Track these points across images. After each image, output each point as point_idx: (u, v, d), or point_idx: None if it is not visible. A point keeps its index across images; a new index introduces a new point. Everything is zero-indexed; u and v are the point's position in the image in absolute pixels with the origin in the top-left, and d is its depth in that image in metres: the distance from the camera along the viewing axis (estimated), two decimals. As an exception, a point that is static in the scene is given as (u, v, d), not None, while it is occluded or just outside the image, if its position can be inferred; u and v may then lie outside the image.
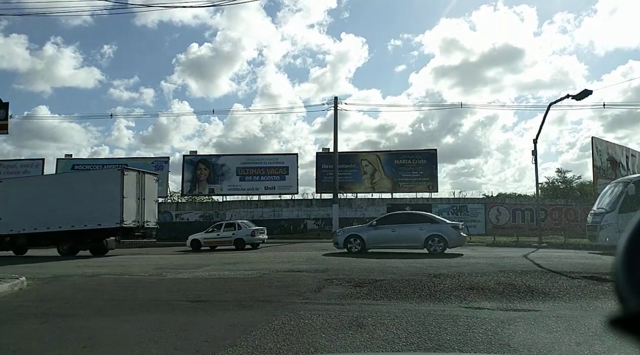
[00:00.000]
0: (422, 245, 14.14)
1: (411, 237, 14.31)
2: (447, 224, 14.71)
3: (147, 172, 19.24)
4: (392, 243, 14.64)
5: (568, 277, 7.95)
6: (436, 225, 14.51)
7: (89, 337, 4.68)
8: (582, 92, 18.22)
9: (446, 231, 14.26)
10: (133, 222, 17.44)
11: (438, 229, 14.33)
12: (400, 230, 14.55)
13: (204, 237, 20.41)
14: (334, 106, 29.76)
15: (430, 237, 14.08)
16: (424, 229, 14.30)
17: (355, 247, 14.82)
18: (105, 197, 17.01)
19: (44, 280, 9.10)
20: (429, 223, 14.61)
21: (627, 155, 31.36)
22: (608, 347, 3.89)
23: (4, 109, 19.89)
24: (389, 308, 5.87)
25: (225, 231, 20.08)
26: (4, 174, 32.46)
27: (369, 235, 14.88)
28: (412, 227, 14.47)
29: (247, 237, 19.68)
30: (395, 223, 15.00)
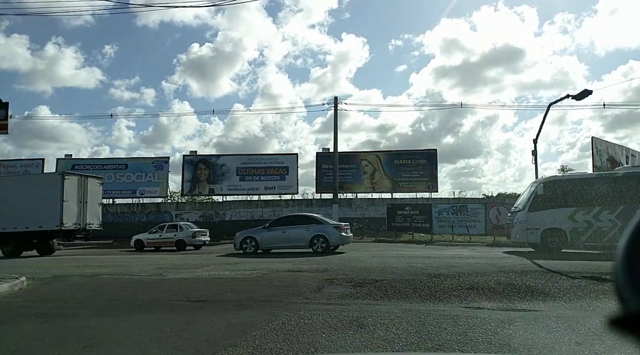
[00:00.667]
0: (307, 244, 15.13)
1: (298, 237, 15.36)
2: (330, 224, 15.71)
3: (90, 176, 19.97)
4: (283, 243, 15.59)
5: (568, 277, 7.95)
6: (320, 226, 15.49)
7: (89, 337, 4.68)
8: (582, 92, 18.23)
9: (328, 231, 15.29)
10: (74, 224, 18.00)
11: (321, 229, 15.35)
12: (289, 231, 15.61)
13: (147, 238, 21.34)
14: (334, 106, 29.75)
15: (315, 237, 15.13)
16: (309, 230, 15.35)
17: (250, 248, 15.68)
18: (47, 200, 17.58)
19: (44, 280, 9.09)
20: (315, 224, 15.58)
21: (627, 155, 31.36)
22: (608, 347, 3.89)
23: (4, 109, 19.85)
24: (389, 308, 5.87)
25: (167, 232, 20.97)
26: (4, 174, 32.48)
27: (262, 237, 15.82)
28: (299, 229, 15.52)
29: (188, 239, 20.44)
30: (285, 225, 16.00)
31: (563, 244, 14.16)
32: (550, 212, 14.23)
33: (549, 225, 14.20)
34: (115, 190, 32.78)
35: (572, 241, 14.02)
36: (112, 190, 32.82)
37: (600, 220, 13.82)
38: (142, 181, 32.65)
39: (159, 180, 32.85)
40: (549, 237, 14.25)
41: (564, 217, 14.07)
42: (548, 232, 14.23)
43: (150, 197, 32.93)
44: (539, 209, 14.42)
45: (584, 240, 13.96)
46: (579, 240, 13.99)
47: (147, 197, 32.87)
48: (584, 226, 13.94)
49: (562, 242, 14.15)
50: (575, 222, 14.00)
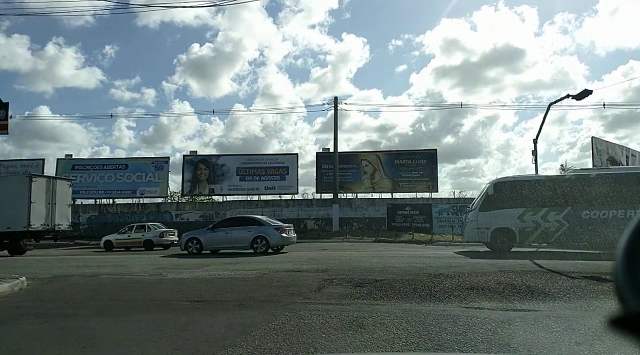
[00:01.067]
0: (249, 245, 15.57)
1: (240, 238, 15.77)
2: (272, 226, 16.06)
3: (59, 177, 20.48)
4: (226, 244, 16.00)
5: (568, 277, 7.95)
6: (262, 227, 15.91)
7: (89, 337, 4.67)
8: (582, 92, 18.21)
9: (269, 232, 15.68)
10: (42, 225, 18.37)
11: (263, 230, 15.75)
12: (232, 232, 16.01)
13: (116, 238, 21.79)
14: (334, 106, 29.78)
15: (256, 238, 15.56)
16: (251, 231, 15.78)
17: (194, 249, 16.06)
18: (15, 202, 17.94)
19: (44, 280, 9.09)
20: (257, 226, 15.99)
21: (627, 155, 31.36)
22: (608, 347, 3.89)
23: (4, 109, 19.91)
24: (389, 308, 5.87)
25: (135, 233, 21.49)
26: (4, 174, 32.49)
27: (206, 238, 16.18)
28: (241, 230, 15.94)
29: (155, 239, 20.92)
30: (228, 226, 16.42)
31: (512, 243, 14.51)
32: (500, 212, 14.56)
33: (499, 225, 14.55)
34: (115, 190, 32.81)
35: (520, 241, 14.41)
36: (112, 190, 32.86)
37: (548, 221, 14.21)
38: (142, 181, 32.66)
39: (159, 180, 32.86)
40: (498, 236, 14.58)
41: (513, 217, 14.40)
42: (498, 232, 14.56)
43: (150, 197, 32.96)
44: (490, 209, 14.78)
45: (532, 240, 14.46)
46: (527, 239, 14.43)
47: (147, 197, 32.89)
48: (532, 226, 14.31)
49: (511, 241, 14.49)
50: (524, 222, 14.35)
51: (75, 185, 32.75)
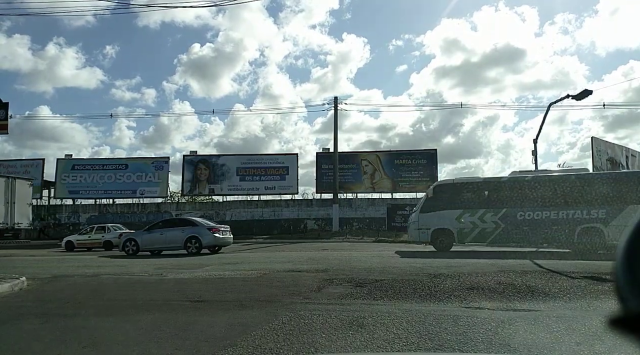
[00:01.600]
0: (182, 246, 15.91)
1: (174, 239, 16.09)
2: (205, 227, 16.37)
3: (18, 177, 20.99)
4: (161, 244, 16.34)
5: (568, 277, 7.94)
6: (195, 228, 16.23)
7: (89, 337, 4.67)
8: (582, 92, 18.22)
9: (201, 233, 16.03)
10: (1, 224, 18.78)
11: (195, 231, 16.10)
12: (167, 233, 16.34)
13: (77, 239, 22.18)
14: (334, 106, 29.78)
15: (189, 239, 15.91)
16: (184, 231, 16.12)
17: (131, 249, 16.42)
18: None
19: (44, 280, 9.09)
20: (190, 227, 16.35)
21: (627, 155, 31.36)
22: (608, 347, 3.89)
23: (4, 109, 19.90)
24: (389, 308, 5.87)
25: (95, 234, 21.87)
26: (4, 173, 32.50)
27: (142, 239, 16.57)
28: (175, 231, 16.31)
29: (115, 239, 20.88)
30: (163, 227, 16.78)
31: (451, 243, 15.12)
32: (440, 213, 15.15)
33: (439, 225, 15.11)
34: (115, 190, 32.80)
35: (459, 240, 15.03)
36: (112, 190, 32.86)
37: (485, 221, 14.77)
38: (142, 181, 32.65)
39: (159, 180, 32.85)
40: (438, 236, 15.17)
41: (452, 218, 14.98)
42: (437, 232, 15.14)
43: (150, 197, 32.96)
44: (430, 210, 15.38)
45: (470, 240, 15.04)
46: (465, 239, 15.02)
47: (147, 197, 32.89)
48: (470, 227, 14.87)
49: (450, 241, 15.09)
50: (462, 223, 14.94)
51: (75, 185, 32.92)
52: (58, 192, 32.99)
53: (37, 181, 32.46)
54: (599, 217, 13.85)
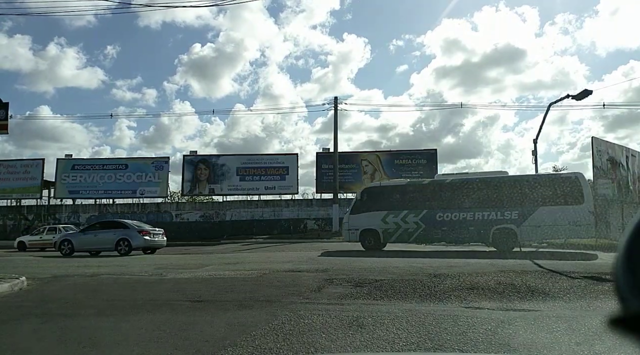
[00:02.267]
0: (113, 247, 16.60)
1: (106, 240, 16.82)
2: (135, 229, 17.02)
3: None
4: (94, 245, 17.08)
5: (568, 277, 7.94)
6: (126, 230, 16.93)
7: (89, 337, 4.67)
8: (582, 92, 18.23)
9: (132, 235, 16.72)
10: None
11: (126, 233, 16.79)
12: (99, 235, 17.16)
13: (29, 240, 22.97)
14: (334, 106, 29.77)
15: (120, 240, 16.60)
16: (116, 234, 16.80)
17: (67, 250, 16.99)
18: None
19: (44, 280, 9.09)
20: (122, 229, 17.03)
21: (627, 155, 31.31)
22: (608, 347, 3.89)
23: (4, 109, 19.88)
24: (389, 308, 5.87)
25: (47, 234, 22.45)
26: (4, 174, 32.48)
27: (77, 240, 17.31)
28: (107, 233, 17.05)
29: None
30: (97, 229, 17.70)
31: (378, 243, 15.91)
32: (368, 214, 16.03)
33: (366, 226, 15.96)
34: (115, 190, 32.80)
35: (384, 240, 15.84)
36: (112, 190, 32.85)
37: (407, 222, 15.61)
38: (142, 181, 32.65)
39: (159, 180, 32.84)
40: (366, 236, 16.01)
41: (378, 219, 15.85)
42: (365, 232, 15.98)
43: (150, 197, 32.95)
44: (359, 212, 16.30)
45: (393, 240, 15.87)
46: (389, 239, 15.85)
47: (147, 197, 32.88)
48: (394, 227, 15.72)
49: (376, 241, 15.89)
50: (387, 223, 15.78)
51: (75, 185, 32.91)
52: (58, 192, 32.98)
53: (37, 181, 32.51)
54: (511, 218, 14.50)
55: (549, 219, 13.88)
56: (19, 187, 32.51)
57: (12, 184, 32.47)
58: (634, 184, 30.60)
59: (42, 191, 33.16)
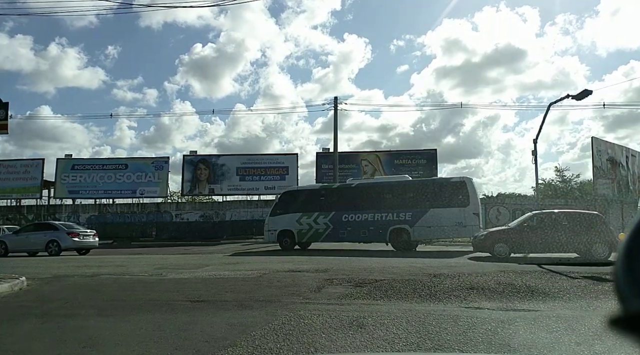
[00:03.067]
0: (44, 248, 17.35)
1: (37, 241, 17.59)
2: (64, 231, 17.78)
3: None
4: (27, 247, 17.90)
5: (568, 277, 7.94)
6: (55, 232, 17.71)
7: (89, 337, 4.67)
8: (582, 92, 18.18)
9: (60, 237, 17.45)
10: None
11: (56, 235, 17.56)
12: (31, 236, 17.98)
13: None
14: (334, 106, 29.75)
15: (50, 242, 17.33)
16: (47, 235, 17.61)
17: (1, 251, 17.75)
18: None
19: (44, 280, 9.08)
20: (52, 231, 17.83)
21: (627, 155, 31.34)
22: (608, 347, 3.89)
23: (4, 109, 19.85)
24: (389, 308, 5.87)
25: None
26: (4, 173, 32.48)
27: (10, 241, 18.12)
28: (39, 234, 17.89)
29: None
30: (30, 231, 18.58)
31: (294, 242, 17.32)
32: (285, 216, 17.57)
33: (283, 227, 17.47)
34: (115, 190, 32.79)
35: (298, 240, 17.35)
36: (112, 190, 32.85)
37: (318, 223, 17.11)
38: (142, 181, 32.64)
39: (159, 180, 32.83)
40: (283, 237, 17.48)
41: (293, 221, 17.38)
42: (282, 233, 17.49)
43: (150, 197, 32.94)
44: (277, 214, 17.84)
45: (306, 239, 17.36)
46: (303, 239, 17.34)
47: (147, 197, 32.87)
48: (307, 228, 17.21)
49: (292, 241, 17.31)
50: (301, 224, 17.27)
51: (75, 185, 32.90)
52: (58, 192, 32.97)
53: (37, 181, 32.51)
54: (406, 219, 16.03)
55: (439, 219, 15.22)
56: (19, 187, 32.51)
57: (12, 184, 32.46)
58: (634, 183, 30.61)
59: (42, 191, 33.16)
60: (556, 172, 38.79)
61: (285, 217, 17.50)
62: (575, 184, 37.28)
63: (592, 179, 28.95)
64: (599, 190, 27.84)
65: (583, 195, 32.19)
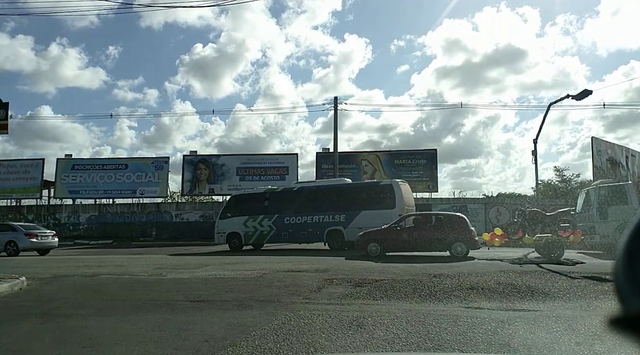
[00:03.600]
0: (3, 248, 17.85)
1: None
2: (22, 231, 18.21)
3: None
4: None
5: (568, 277, 7.95)
6: (14, 233, 18.20)
7: (89, 337, 4.67)
8: (582, 92, 18.20)
9: (19, 238, 17.94)
10: None
11: (13, 236, 18.09)
12: None
13: None
14: (334, 106, 29.74)
15: (8, 242, 17.89)
16: (5, 236, 18.02)
17: None
18: None
19: (44, 280, 9.09)
20: (10, 231, 18.31)
21: (627, 155, 31.34)
22: (608, 347, 3.89)
23: (4, 109, 19.82)
24: (389, 308, 5.87)
25: None
26: (4, 173, 32.47)
27: None
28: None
29: None
30: None
31: (241, 244, 18.26)
32: (233, 219, 18.59)
33: (231, 229, 18.47)
34: (115, 190, 32.76)
35: (245, 242, 18.28)
36: (112, 190, 32.82)
37: (263, 225, 18.10)
38: (142, 181, 32.61)
39: (159, 180, 32.80)
40: (231, 238, 18.41)
41: (240, 224, 18.35)
42: (230, 235, 18.47)
43: (150, 197, 32.90)
44: (226, 217, 18.88)
45: (252, 241, 18.29)
46: (249, 241, 18.31)
47: (147, 197, 32.83)
48: (252, 230, 18.20)
49: (239, 242, 18.27)
50: (247, 227, 18.26)
51: (75, 185, 32.88)
52: (58, 192, 32.95)
53: (37, 181, 32.50)
54: (340, 221, 16.97)
55: (369, 221, 15.69)
56: (19, 187, 32.48)
57: (12, 184, 32.44)
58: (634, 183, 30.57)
59: (42, 191, 33.13)
60: (555, 172, 38.84)
61: (233, 220, 18.48)
62: (575, 184, 37.28)
63: (592, 178, 28.92)
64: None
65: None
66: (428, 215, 14.46)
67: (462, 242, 12.77)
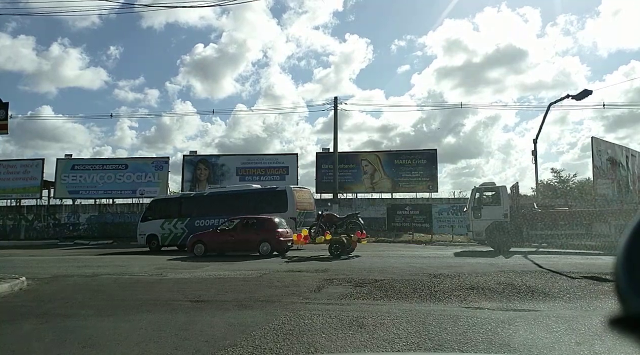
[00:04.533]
0: None
1: None
2: None
3: None
4: None
5: (568, 277, 7.95)
6: None
7: (89, 337, 4.67)
8: (582, 92, 18.22)
9: None
10: None
11: None
12: None
13: None
14: (334, 106, 29.75)
15: None
16: None
17: None
18: None
19: (44, 280, 9.09)
20: None
21: (627, 155, 31.31)
22: (608, 347, 3.89)
23: (4, 109, 19.78)
24: (389, 308, 5.87)
25: None
26: (4, 174, 32.46)
27: None
28: None
29: None
30: None
31: (158, 245, 19.41)
32: (152, 222, 19.87)
33: (150, 231, 19.76)
34: (115, 190, 32.75)
35: (162, 243, 19.47)
36: (112, 190, 32.81)
37: (177, 228, 19.34)
38: (142, 181, 32.60)
39: (159, 180, 32.79)
40: (150, 240, 19.67)
41: (158, 226, 19.64)
42: (149, 237, 19.73)
43: (150, 197, 32.80)
44: (147, 219, 20.17)
45: (168, 243, 19.45)
46: (165, 242, 19.48)
47: (147, 197, 32.71)
48: (168, 232, 19.47)
49: (157, 244, 19.44)
50: (164, 229, 19.56)
51: (75, 185, 32.87)
52: (58, 192, 32.94)
53: (37, 181, 32.49)
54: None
55: None
56: (18, 187, 32.46)
57: (12, 184, 32.42)
58: (633, 183, 30.60)
59: (42, 191, 33.10)
60: (552, 173, 38.95)
61: (153, 222, 19.74)
62: (573, 184, 37.31)
63: (592, 179, 28.93)
64: (599, 190, 27.83)
65: (583, 195, 32.18)
66: (245, 219, 15.65)
67: (268, 242, 14.33)
